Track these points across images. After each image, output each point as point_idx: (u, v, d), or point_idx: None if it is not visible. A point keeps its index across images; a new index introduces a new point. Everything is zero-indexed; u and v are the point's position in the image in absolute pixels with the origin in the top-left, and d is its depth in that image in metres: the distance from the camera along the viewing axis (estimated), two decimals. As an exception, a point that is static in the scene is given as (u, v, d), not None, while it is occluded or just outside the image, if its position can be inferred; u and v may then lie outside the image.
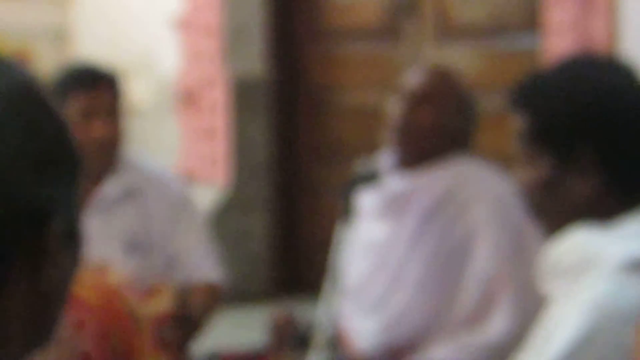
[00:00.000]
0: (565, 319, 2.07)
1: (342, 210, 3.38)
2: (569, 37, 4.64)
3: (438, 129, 3.49)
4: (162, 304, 3.63)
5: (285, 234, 6.01)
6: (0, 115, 1.04)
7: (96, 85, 3.72)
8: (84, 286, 3.53)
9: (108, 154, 3.76)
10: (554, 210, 2.22)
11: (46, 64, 5.17)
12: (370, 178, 3.45)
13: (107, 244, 3.72)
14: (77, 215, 1.12)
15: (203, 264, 3.84)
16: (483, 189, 3.48)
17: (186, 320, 3.72)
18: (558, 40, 4.68)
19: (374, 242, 3.59)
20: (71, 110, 3.68)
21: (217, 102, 5.80)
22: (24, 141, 1.05)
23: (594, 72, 2.27)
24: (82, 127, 3.67)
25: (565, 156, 2.17)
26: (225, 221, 5.39)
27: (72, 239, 1.10)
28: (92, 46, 5.98)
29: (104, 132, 3.69)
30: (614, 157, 2.17)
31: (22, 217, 1.03)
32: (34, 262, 1.05)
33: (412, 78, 3.56)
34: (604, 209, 2.16)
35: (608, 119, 2.17)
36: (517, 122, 2.21)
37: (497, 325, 3.35)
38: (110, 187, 3.80)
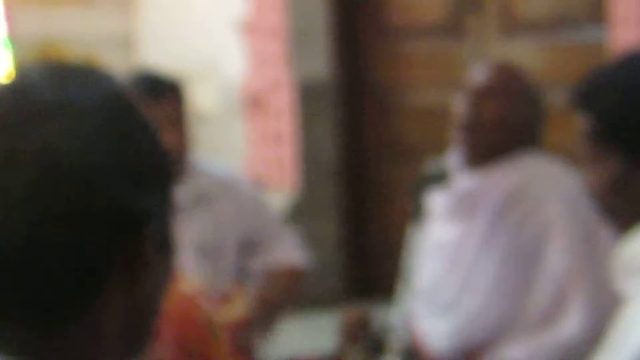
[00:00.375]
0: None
1: (413, 212, 3.39)
2: (635, 29, 4.60)
3: (504, 125, 3.45)
4: (236, 310, 3.66)
5: (356, 237, 6.02)
6: (95, 127, 1.06)
7: (159, 96, 3.71)
8: None
9: (176, 164, 3.77)
10: (626, 210, 2.20)
11: (113, 71, 5.27)
12: (439, 178, 3.43)
13: (179, 251, 3.79)
14: (170, 224, 1.14)
15: (286, 248, 3.86)
16: (554, 186, 3.44)
17: (264, 324, 3.78)
18: (624, 32, 4.64)
19: (445, 243, 3.57)
20: None
21: (284, 106, 5.83)
22: (119, 152, 1.07)
23: None
24: None
25: (633, 154, 2.15)
26: (294, 226, 5.19)
27: (165, 247, 1.13)
28: (158, 52, 6.03)
29: (170, 143, 3.71)
30: None
31: (118, 224, 1.05)
32: (131, 268, 1.07)
33: (477, 74, 3.54)
34: None
35: None
36: (581, 122, 2.19)
37: (571, 324, 3.31)
38: (180, 195, 3.76)
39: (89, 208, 1.04)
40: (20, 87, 1.09)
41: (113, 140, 1.07)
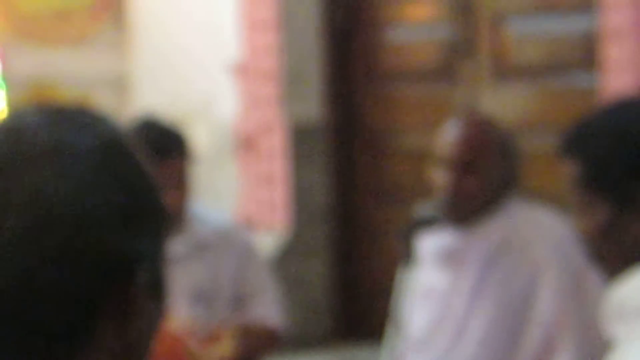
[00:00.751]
0: None
1: (403, 255, 3.38)
2: (627, 75, 4.61)
3: (487, 192, 3.48)
4: (223, 350, 3.66)
5: (346, 279, 6.00)
6: (90, 171, 1.05)
7: (165, 155, 3.67)
8: None
9: (176, 218, 3.79)
10: (615, 255, 2.20)
11: (109, 114, 5.23)
12: (430, 222, 3.46)
13: (174, 298, 3.69)
14: (162, 267, 1.13)
15: (266, 309, 3.84)
16: (539, 232, 3.46)
17: None
18: (617, 78, 4.65)
19: (436, 290, 3.57)
20: None
21: (276, 147, 5.83)
22: (114, 195, 1.06)
23: None
24: None
25: (622, 200, 2.16)
26: (284, 266, 5.39)
27: (157, 290, 1.11)
28: (152, 93, 6.05)
29: (173, 202, 3.70)
30: None
31: (111, 268, 1.04)
32: (122, 313, 1.06)
33: (453, 133, 3.54)
34: None
35: None
36: (570, 169, 2.20)
37: None
38: (177, 245, 3.81)
39: (81, 253, 1.03)
40: (14, 130, 1.09)
41: (106, 184, 1.07)
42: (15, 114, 1.15)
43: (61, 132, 1.08)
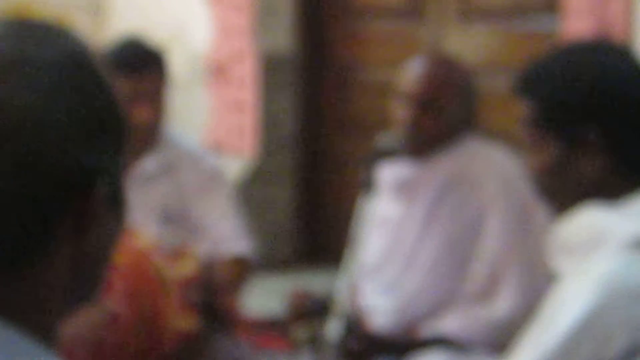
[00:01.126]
0: (574, 295, 2.08)
1: (363, 184, 3.42)
2: (587, 20, 4.62)
3: (444, 129, 3.54)
4: (187, 268, 3.70)
5: (309, 205, 6.05)
6: (52, 83, 1.06)
7: (142, 70, 3.68)
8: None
9: (149, 135, 3.80)
10: (563, 192, 2.23)
11: (84, 35, 5.23)
12: (390, 152, 3.49)
13: (144, 216, 3.79)
14: (122, 181, 1.15)
15: (232, 236, 3.88)
16: (491, 169, 3.52)
17: (210, 286, 3.77)
18: (577, 22, 4.66)
19: (390, 220, 3.64)
20: None
21: (246, 76, 5.82)
22: (75, 109, 1.07)
23: (597, 57, 2.27)
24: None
25: (572, 140, 2.18)
26: (250, 192, 5.43)
27: (116, 203, 1.13)
28: (128, 18, 5.99)
29: (146, 117, 3.70)
30: (619, 138, 2.18)
31: (70, 179, 1.05)
32: (80, 223, 1.08)
33: (414, 71, 3.57)
34: (611, 188, 2.18)
35: (612, 102, 2.18)
36: (524, 108, 2.22)
37: (505, 301, 3.40)
38: (148, 163, 3.85)
39: (41, 163, 1.04)
40: None
41: (68, 97, 1.07)
42: None
43: (25, 45, 1.08)
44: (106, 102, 1.13)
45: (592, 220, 2.16)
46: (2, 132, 1.04)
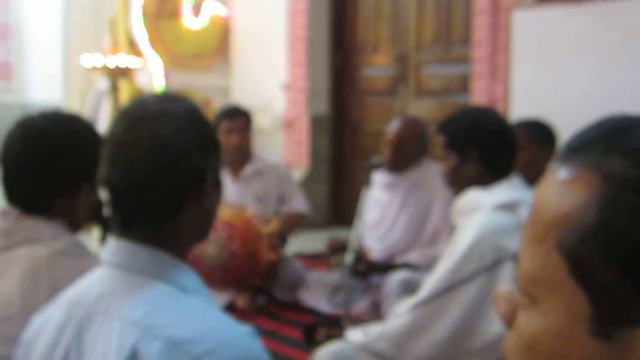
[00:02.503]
0: (464, 236, 2.28)
1: (365, 182, 3.68)
2: (484, 97, 5.03)
3: (410, 158, 3.87)
4: (272, 227, 4.12)
5: (336, 195, 6.54)
6: (182, 123, 1.24)
7: (235, 116, 4.17)
8: (233, 216, 3.95)
9: (241, 152, 4.18)
10: (458, 184, 2.45)
11: (217, 107, 5.33)
12: (380, 166, 3.81)
13: (246, 199, 4.20)
14: (220, 175, 1.28)
15: (298, 203, 4.31)
16: (435, 177, 3.82)
17: (284, 236, 4.18)
18: (478, 97, 5.05)
19: (380, 202, 3.96)
20: (222, 128, 4.12)
21: (303, 128, 6.40)
22: (195, 136, 1.25)
23: (480, 113, 2.49)
24: (226, 138, 4.10)
25: (462, 155, 2.39)
26: (306, 186, 6.01)
27: (217, 185, 1.29)
28: (240, 98, 6.58)
29: (236, 141, 4.14)
30: (488, 154, 2.40)
31: (193, 174, 1.24)
32: (199, 195, 1.26)
33: (393, 126, 3.87)
34: (483, 181, 2.41)
35: (484, 135, 2.40)
36: (440, 139, 2.41)
37: (441, 245, 3.73)
38: (247, 169, 4.26)
39: (178, 165, 1.20)
40: (139, 102, 1.24)
41: (191, 130, 1.24)
42: (142, 96, 1.29)
43: (165, 104, 1.25)
44: (210, 134, 1.31)
45: (473, 197, 2.33)
46: (155, 150, 1.20)
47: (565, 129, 1.98)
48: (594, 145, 0.62)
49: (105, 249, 1.27)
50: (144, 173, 1.22)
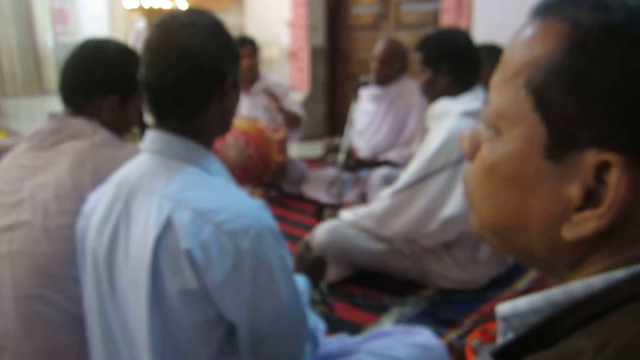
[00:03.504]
0: (435, 137, 2.27)
1: (354, 96, 3.61)
2: (452, 19, 4.83)
3: (394, 73, 3.74)
4: (280, 135, 4.05)
5: (331, 110, 6.47)
6: (208, 33, 1.18)
7: (243, 43, 4.01)
8: (249, 127, 3.88)
9: (251, 73, 4.04)
10: (432, 94, 2.39)
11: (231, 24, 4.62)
12: (365, 83, 3.71)
13: (257, 110, 4.10)
14: (238, 78, 1.21)
15: (297, 109, 4.18)
16: (413, 90, 3.74)
17: (287, 143, 3.97)
18: (447, 20, 4.83)
19: (368, 112, 3.89)
20: None
21: (305, 57, 6.26)
22: (219, 44, 1.20)
23: (450, 33, 2.39)
24: None
25: (436, 69, 2.34)
26: (305, 104, 5.88)
27: (235, 87, 1.24)
28: (253, 33, 6.28)
29: (246, 64, 4.02)
30: (458, 70, 2.34)
31: (216, 77, 1.19)
32: (221, 94, 1.21)
33: (380, 45, 3.73)
34: (453, 92, 2.35)
35: (454, 52, 2.33)
36: (417, 56, 2.33)
37: (415, 145, 3.70)
38: (256, 87, 4.15)
39: (203, 68, 1.14)
40: (171, 15, 1.19)
41: (214, 39, 1.18)
42: (174, 10, 1.22)
43: (193, 16, 1.19)
44: (230, 43, 1.22)
45: (443, 105, 2.29)
46: (184, 55, 1.13)
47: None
48: (564, 2, 0.60)
49: (145, 139, 1.25)
50: (174, 75, 1.17)
